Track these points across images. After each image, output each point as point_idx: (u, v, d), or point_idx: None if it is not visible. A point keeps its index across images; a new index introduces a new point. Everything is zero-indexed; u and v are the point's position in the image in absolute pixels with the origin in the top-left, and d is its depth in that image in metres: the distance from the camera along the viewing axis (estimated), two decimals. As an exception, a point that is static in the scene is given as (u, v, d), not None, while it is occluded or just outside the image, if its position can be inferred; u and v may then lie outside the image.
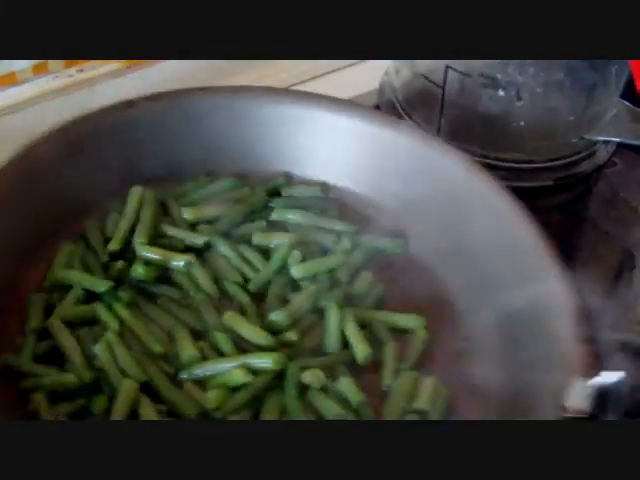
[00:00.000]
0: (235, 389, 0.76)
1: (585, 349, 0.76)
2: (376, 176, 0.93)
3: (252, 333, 0.79)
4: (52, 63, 1.01)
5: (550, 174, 1.03)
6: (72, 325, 0.80)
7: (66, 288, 0.83)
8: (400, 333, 0.83)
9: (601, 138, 1.04)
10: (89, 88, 1.03)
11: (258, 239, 0.88)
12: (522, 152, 1.01)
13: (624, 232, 1.01)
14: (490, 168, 0.89)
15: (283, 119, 0.94)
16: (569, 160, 1.04)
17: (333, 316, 0.82)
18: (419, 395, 0.77)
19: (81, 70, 1.03)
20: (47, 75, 1.01)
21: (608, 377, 0.77)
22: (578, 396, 0.75)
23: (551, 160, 1.03)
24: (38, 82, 1.01)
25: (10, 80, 1.00)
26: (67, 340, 0.78)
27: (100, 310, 0.81)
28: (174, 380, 0.77)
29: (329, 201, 0.93)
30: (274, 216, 0.91)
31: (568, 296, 0.77)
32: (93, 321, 0.81)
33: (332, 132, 0.93)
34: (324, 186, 0.94)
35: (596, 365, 0.77)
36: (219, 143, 0.95)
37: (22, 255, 0.84)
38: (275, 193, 0.94)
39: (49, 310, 0.82)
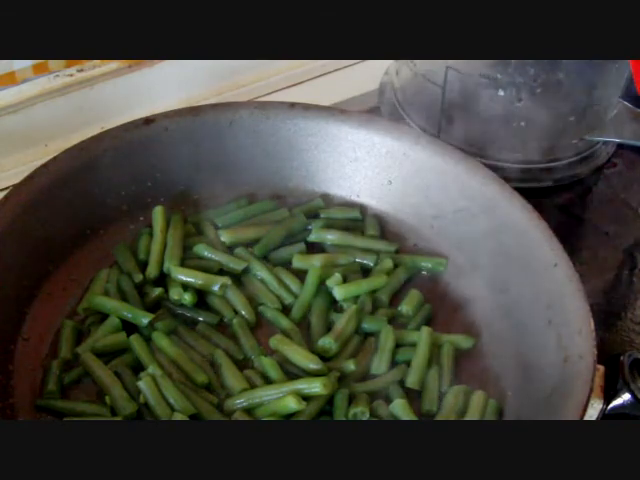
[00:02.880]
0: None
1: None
2: (408, 195, 0.92)
3: (302, 358, 0.78)
4: (52, 62, 1.01)
5: (550, 175, 1.03)
6: (102, 353, 0.78)
7: (99, 313, 0.81)
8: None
9: (601, 139, 1.04)
10: (89, 87, 1.03)
11: (298, 262, 0.87)
12: (522, 152, 1.01)
13: (624, 232, 1.01)
14: (490, 168, 0.89)
15: (319, 138, 0.92)
16: (569, 161, 1.04)
17: (387, 340, 0.81)
18: (469, 410, 0.77)
19: (81, 70, 1.03)
20: (47, 74, 1.01)
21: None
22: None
23: (551, 161, 1.03)
24: (38, 81, 1.01)
25: (10, 80, 1.00)
26: (103, 372, 0.76)
27: (139, 344, 0.78)
28: (221, 410, 0.76)
29: (368, 221, 0.92)
30: (312, 237, 0.90)
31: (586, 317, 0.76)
32: (124, 350, 0.79)
33: (369, 152, 0.92)
34: (362, 207, 0.93)
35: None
36: (250, 163, 0.93)
37: (36, 277, 0.82)
38: (313, 215, 0.92)
39: (78, 336, 0.80)
